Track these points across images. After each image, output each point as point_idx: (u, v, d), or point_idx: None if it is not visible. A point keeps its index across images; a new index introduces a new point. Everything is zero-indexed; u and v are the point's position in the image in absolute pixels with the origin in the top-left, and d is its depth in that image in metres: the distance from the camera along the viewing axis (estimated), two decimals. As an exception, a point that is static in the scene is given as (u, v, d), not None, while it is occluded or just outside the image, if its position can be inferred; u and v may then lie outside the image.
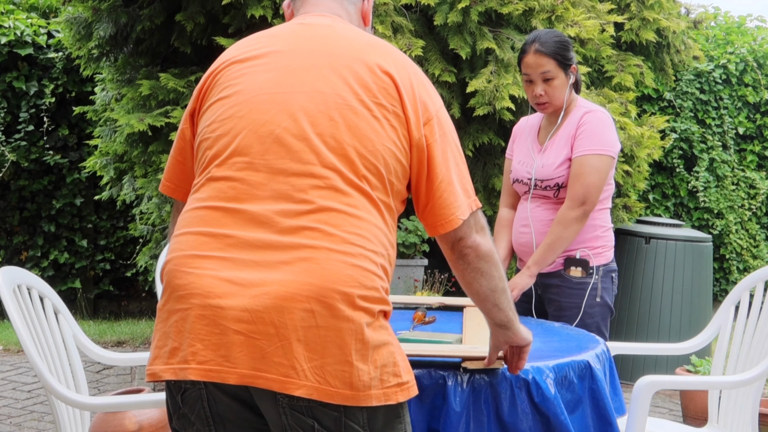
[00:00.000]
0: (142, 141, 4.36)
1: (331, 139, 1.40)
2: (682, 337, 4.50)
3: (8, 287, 2.04)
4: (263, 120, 1.42)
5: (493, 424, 1.81)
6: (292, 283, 1.32)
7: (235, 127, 1.43)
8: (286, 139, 1.40)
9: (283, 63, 1.47)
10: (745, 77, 6.85)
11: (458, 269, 1.54)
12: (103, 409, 2.16)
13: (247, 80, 1.47)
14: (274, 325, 1.30)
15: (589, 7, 4.56)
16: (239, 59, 1.52)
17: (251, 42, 1.56)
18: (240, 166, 1.41)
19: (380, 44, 1.54)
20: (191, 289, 1.35)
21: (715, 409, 2.67)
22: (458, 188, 1.49)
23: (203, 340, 1.32)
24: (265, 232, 1.36)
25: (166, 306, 1.39)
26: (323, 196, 1.38)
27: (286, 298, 1.31)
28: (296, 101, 1.43)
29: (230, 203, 1.39)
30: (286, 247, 1.34)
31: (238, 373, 1.31)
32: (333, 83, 1.44)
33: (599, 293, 2.70)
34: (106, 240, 6.74)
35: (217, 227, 1.38)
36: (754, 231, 6.96)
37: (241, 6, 4.10)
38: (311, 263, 1.33)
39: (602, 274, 2.72)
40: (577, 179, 2.64)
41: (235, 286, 1.33)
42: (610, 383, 2.13)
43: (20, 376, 4.74)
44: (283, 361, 1.30)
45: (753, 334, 2.57)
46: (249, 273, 1.33)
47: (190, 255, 1.38)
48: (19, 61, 6.39)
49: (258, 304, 1.31)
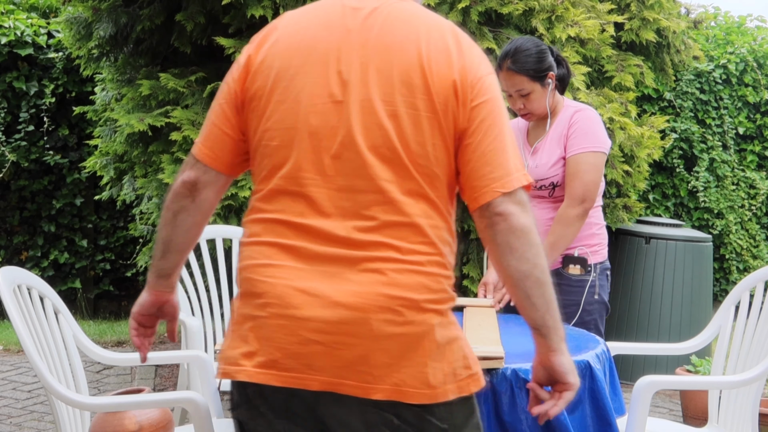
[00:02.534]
0: (142, 141, 4.36)
1: (386, 149, 1.42)
2: (682, 337, 4.50)
3: (8, 287, 2.04)
4: (322, 134, 1.43)
5: (493, 424, 1.81)
6: (365, 294, 1.38)
7: (294, 140, 1.44)
8: (345, 155, 1.42)
9: (334, 64, 1.45)
10: (745, 77, 6.85)
11: (487, 242, 1.46)
12: (103, 409, 2.16)
13: (301, 84, 1.46)
14: (352, 335, 1.37)
15: (589, 7, 4.56)
16: (289, 51, 1.48)
17: (300, 29, 1.50)
18: (303, 182, 1.43)
19: (428, 29, 1.47)
20: (267, 298, 1.41)
21: (715, 409, 2.67)
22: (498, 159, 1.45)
23: (284, 348, 1.39)
24: (334, 248, 1.41)
25: (241, 310, 1.45)
26: (386, 210, 1.41)
27: (361, 309, 1.37)
28: (349, 112, 1.43)
29: (299, 218, 1.43)
30: (357, 260, 1.40)
31: (321, 381, 1.38)
32: (382, 87, 1.43)
33: (597, 290, 2.73)
34: (106, 240, 6.74)
35: (287, 239, 1.43)
36: (754, 231, 6.96)
37: (241, 6, 4.10)
38: (382, 275, 1.39)
39: (599, 272, 2.76)
40: (575, 177, 2.65)
41: (310, 297, 1.39)
42: (610, 383, 2.13)
43: (20, 376, 4.74)
44: (364, 368, 1.37)
45: (753, 334, 2.57)
46: (322, 284, 1.39)
47: (264, 264, 1.43)
48: (19, 61, 6.39)
49: (335, 316, 1.37)
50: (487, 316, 2.42)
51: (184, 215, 1.59)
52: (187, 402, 2.10)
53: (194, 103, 4.14)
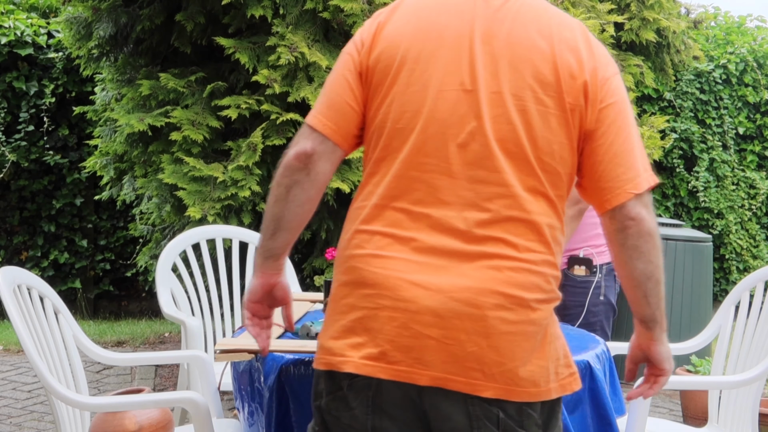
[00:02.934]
0: (142, 141, 4.36)
1: (512, 144, 1.41)
2: (682, 337, 4.50)
3: (8, 287, 2.04)
4: (450, 121, 1.41)
5: (493, 424, 1.81)
6: (481, 290, 1.37)
7: (419, 124, 1.42)
8: (471, 145, 1.41)
9: (466, 53, 1.43)
10: (745, 77, 6.85)
11: (615, 245, 1.47)
12: (103, 409, 2.16)
13: (432, 69, 1.43)
14: (465, 332, 1.36)
15: (589, 7, 4.56)
16: (420, 34, 1.46)
17: (431, 13, 1.48)
18: (425, 168, 1.41)
19: (559, 27, 1.47)
20: (379, 290, 1.39)
21: (715, 409, 2.67)
22: (629, 161, 1.46)
23: (394, 341, 1.37)
24: (450, 239, 1.39)
25: (346, 300, 1.43)
26: (507, 205, 1.40)
27: (477, 306, 1.36)
28: (479, 102, 1.41)
29: (415, 206, 1.41)
30: (473, 256, 1.38)
31: (430, 376, 1.36)
32: (513, 81, 1.42)
33: (603, 291, 2.71)
34: (106, 240, 6.74)
35: (401, 230, 1.41)
36: (754, 231, 6.96)
37: (241, 6, 4.10)
38: (497, 272, 1.38)
39: (605, 273, 2.73)
40: None
41: (424, 291, 1.37)
42: (610, 383, 2.13)
43: (20, 376, 4.74)
44: (474, 365, 1.36)
45: (753, 334, 2.57)
46: (437, 278, 1.37)
47: (374, 254, 1.41)
48: (19, 61, 6.40)
49: (449, 310, 1.36)
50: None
51: (298, 190, 1.50)
52: (187, 402, 2.09)
53: (194, 103, 4.14)
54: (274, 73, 4.02)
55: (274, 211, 1.51)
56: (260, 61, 4.13)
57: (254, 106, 4.08)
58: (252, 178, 4.02)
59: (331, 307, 1.46)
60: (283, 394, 1.85)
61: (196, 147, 4.02)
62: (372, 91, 1.48)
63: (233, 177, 3.91)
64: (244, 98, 4.10)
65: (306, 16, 4.14)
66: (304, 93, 3.98)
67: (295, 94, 4.00)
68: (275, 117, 4.04)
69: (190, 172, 3.92)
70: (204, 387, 2.44)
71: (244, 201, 4.04)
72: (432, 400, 1.38)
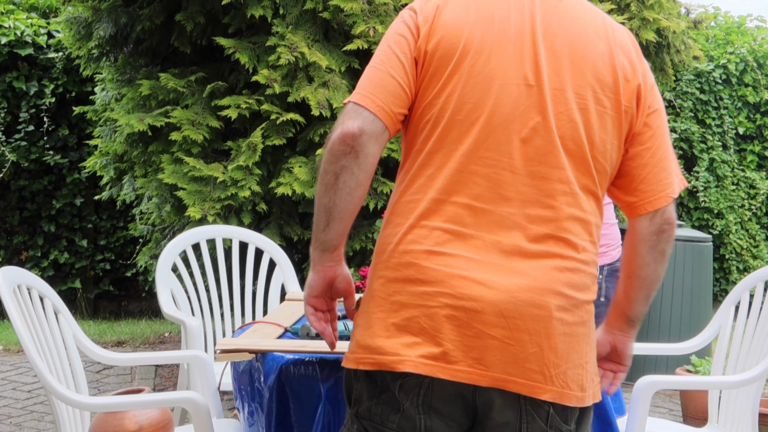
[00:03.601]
0: (142, 141, 4.36)
1: (571, 142, 1.39)
2: (682, 337, 4.50)
3: (8, 287, 2.04)
4: (514, 116, 1.38)
5: (493, 424, 1.81)
6: (543, 291, 1.35)
7: (481, 117, 1.38)
8: (534, 140, 1.38)
9: (530, 47, 1.41)
10: (745, 77, 6.85)
11: (644, 246, 1.50)
12: (103, 409, 2.15)
13: (496, 62, 1.39)
14: (528, 332, 1.33)
15: (589, 7, 4.56)
16: (481, 24, 1.41)
17: (491, 4, 1.44)
18: (487, 162, 1.37)
19: (613, 28, 1.47)
20: (440, 287, 1.34)
21: (715, 409, 2.67)
22: (670, 166, 1.50)
23: (454, 340, 1.33)
24: (512, 237, 1.36)
25: (397, 297, 1.37)
26: (568, 202, 1.39)
27: (540, 307, 1.34)
28: (544, 98, 1.38)
29: (476, 202, 1.37)
30: (535, 255, 1.36)
31: (490, 377, 1.33)
32: (574, 79, 1.41)
33: (603, 293, 2.70)
34: (106, 240, 6.74)
35: (461, 226, 1.36)
36: (754, 231, 6.96)
37: (241, 6, 4.10)
38: (559, 273, 1.37)
39: (607, 274, 2.72)
40: None
41: (487, 289, 1.33)
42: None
43: (20, 376, 4.74)
44: (534, 367, 1.34)
45: (753, 334, 2.57)
46: (499, 277, 1.34)
47: (432, 251, 1.36)
48: (19, 61, 6.40)
49: (512, 311, 1.33)
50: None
51: (347, 176, 1.38)
52: (187, 402, 2.09)
53: (194, 103, 4.14)
54: (274, 73, 4.01)
55: (324, 202, 1.41)
56: (260, 61, 4.13)
57: (254, 106, 4.07)
58: (252, 178, 4.01)
59: (374, 304, 1.40)
60: (283, 394, 1.85)
61: (196, 147, 4.02)
62: (428, 79, 1.41)
63: (233, 177, 3.91)
64: (244, 98, 4.10)
65: (306, 16, 4.14)
66: (304, 93, 3.98)
67: (295, 94, 4.00)
68: (275, 117, 4.04)
69: (190, 172, 3.92)
70: (204, 387, 2.44)
71: (244, 201, 4.04)
72: (486, 398, 1.36)
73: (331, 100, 3.98)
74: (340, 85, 4.05)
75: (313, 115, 4.03)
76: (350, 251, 4.26)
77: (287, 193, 4.00)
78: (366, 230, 4.30)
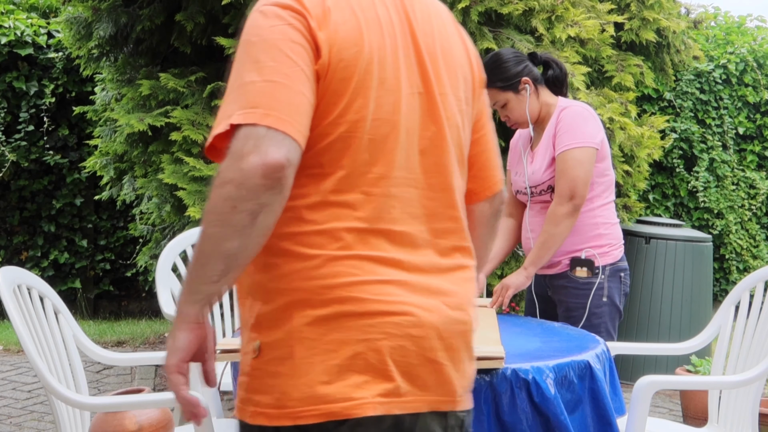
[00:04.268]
0: (142, 141, 4.36)
1: (457, 147, 1.36)
2: (682, 337, 4.51)
3: (8, 287, 2.04)
4: (415, 128, 1.29)
5: (492, 424, 1.81)
6: (462, 305, 1.31)
7: (393, 135, 1.27)
8: (431, 151, 1.31)
9: (411, 50, 1.30)
10: (745, 77, 6.85)
11: (484, 230, 1.52)
12: (103, 409, 2.16)
13: (389, 67, 1.27)
14: (458, 350, 1.30)
15: (589, 7, 4.56)
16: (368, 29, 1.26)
17: (363, 6, 1.28)
18: (399, 181, 1.28)
19: (453, 22, 1.42)
20: (381, 318, 1.22)
21: (715, 409, 2.67)
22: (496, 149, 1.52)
23: (403, 372, 1.24)
24: (428, 255, 1.29)
25: (332, 335, 1.21)
26: (462, 209, 1.37)
27: (464, 323, 1.31)
28: (435, 105, 1.31)
29: (395, 225, 1.27)
30: (449, 269, 1.32)
31: (428, 401, 1.27)
32: (451, 80, 1.35)
33: (605, 293, 2.69)
34: (106, 240, 6.74)
35: (385, 252, 1.25)
36: (754, 231, 6.97)
37: (241, 6, 4.10)
38: (469, 284, 1.35)
39: (609, 274, 2.71)
40: (562, 175, 2.63)
41: (425, 312, 1.26)
42: (610, 383, 2.13)
43: (20, 376, 4.74)
44: (463, 382, 1.32)
45: (753, 334, 2.57)
46: (429, 299, 1.27)
47: (365, 281, 1.23)
48: (19, 61, 6.40)
49: (448, 331, 1.28)
50: (487, 316, 2.42)
51: (267, 215, 1.15)
52: (187, 402, 2.09)
53: (194, 103, 4.14)
54: (274, 73, 4.01)
55: (226, 247, 1.14)
56: (260, 61, 4.12)
57: (254, 106, 4.07)
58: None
59: (302, 348, 1.21)
60: (283, 394, 1.85)
61: (196, 147, 4.02)
62: (330, 94, 1.23)
63: (233, 177, 3.91)
64: (244, 98, 4.09)
65: (306, 16, 4.14)
66: (304, 93, 3.97)
67: (295, 94, 3.99)
68: (275, 117, 4.03)
69: (190, 172, 3.92)
70: (204, 387, 2.44)
71: (244, 201, 4.03)
72: (423, 422, 1.27)
73: (331, 100, 3.98)
74: (340, 85, 4.04)
75: (313, 115, 4.03)
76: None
77: (287, 193, 4.00)
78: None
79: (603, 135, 2.71)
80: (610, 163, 2.77)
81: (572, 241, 2.70)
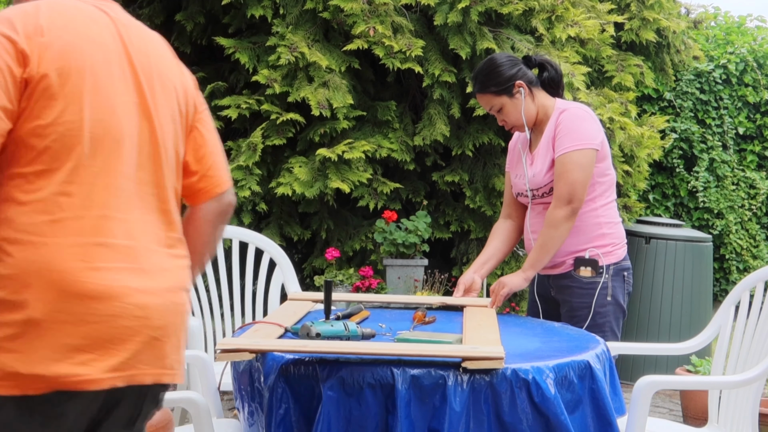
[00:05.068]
0: (142, 141, 4.36)
1: (174, 152, 1.56)
2: (682, 337, 4.50)
3: None
4: (125, 130, 1.47)
5: (492, 424, 1.81)
6: (180, 289, 1.52)
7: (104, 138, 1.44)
8: (146, 150, 1.50)
9: (127, 66, 1.50)
10: (745, 77, 6.85)
11: (210, 227, 1.66)
12: (103, 409, 2.15)
13: (104, 79, 1.45)
14: (174, 327, 1.49)
15: (589, 7, 4.57)
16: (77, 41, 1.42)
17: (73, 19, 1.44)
18: (118, 175, 1.46)
19: (160, 38, 1.64)
20: (109, 302, 1.39)
21: (715, 409, 2.67)
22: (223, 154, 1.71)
23: (128, 349, 1.41)
24: (153, 243, 1.49)
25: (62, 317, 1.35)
26: (173, 204, 1.55)
27: (180, 304, 1.51)
28: (147, 111, 1.51)
29: (118, 213, 1.45)
30: (171, 257, 1.52)
31: (153, 374, 1.45)
32: (165, 91, 1.56)
33: (610, 292, 2.69)
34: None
35: (111, 238, 1.43)
36: (754, 231, 6.97)
37: (241, 6, 4.11)
38: (186, 271, 1.56)
39: (613, 273, 2.70)
40: (561, 178, 2.63)
41: (148, 296, 1.44)
42: (610, 383, 2.13)
43: (20, 376, 4.73)
44: (176, 356, 1.50)
45: (753, 334, 2.57)
46: (153, 281, 1.46)
47: (93, 267, 1.39)
48: (19, 61, 6.40)
49: (167, 311, 1.47)
50: (487, 316, 2.42)
51: None
52: (187, 402, 2.10)
53: (194, 103, 4.14)
54: (274, 73, 4.02)
55: None
56: (260, 61, 4.13)
57: (254, 106, 4.08)
58: (252, 178, 4.02)
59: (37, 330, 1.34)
60: (283, 394, 1.86)
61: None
62: (41, 101, 1.37)
63: (233, 177, 3.91)
64: (244, 98, 4.10)
65: (306, 16, 4.14)
66: (304, 93, 3.98)
67: (295, 94, 4.00)
68: (275, 117, 4.04)
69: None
70: (204, 387, 2.44)
71: (243, 201, 4.04)
72: (118, 395, 1.43)
73: (331, 100, 3.98)
74: (340, 85, 4.05)
75: (313, 115, 4.03)
76: (350, 251, 4.27)
77: (287, 193, 4.00)
78: (366, 230, 4.30)
79: (603, 135, 2.71)
80: (611, 163, 2.77)
81: (576, 241, 2.70)
